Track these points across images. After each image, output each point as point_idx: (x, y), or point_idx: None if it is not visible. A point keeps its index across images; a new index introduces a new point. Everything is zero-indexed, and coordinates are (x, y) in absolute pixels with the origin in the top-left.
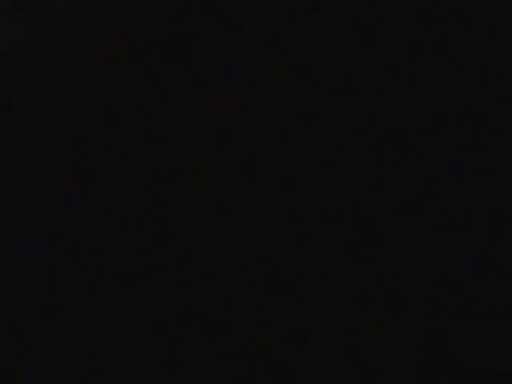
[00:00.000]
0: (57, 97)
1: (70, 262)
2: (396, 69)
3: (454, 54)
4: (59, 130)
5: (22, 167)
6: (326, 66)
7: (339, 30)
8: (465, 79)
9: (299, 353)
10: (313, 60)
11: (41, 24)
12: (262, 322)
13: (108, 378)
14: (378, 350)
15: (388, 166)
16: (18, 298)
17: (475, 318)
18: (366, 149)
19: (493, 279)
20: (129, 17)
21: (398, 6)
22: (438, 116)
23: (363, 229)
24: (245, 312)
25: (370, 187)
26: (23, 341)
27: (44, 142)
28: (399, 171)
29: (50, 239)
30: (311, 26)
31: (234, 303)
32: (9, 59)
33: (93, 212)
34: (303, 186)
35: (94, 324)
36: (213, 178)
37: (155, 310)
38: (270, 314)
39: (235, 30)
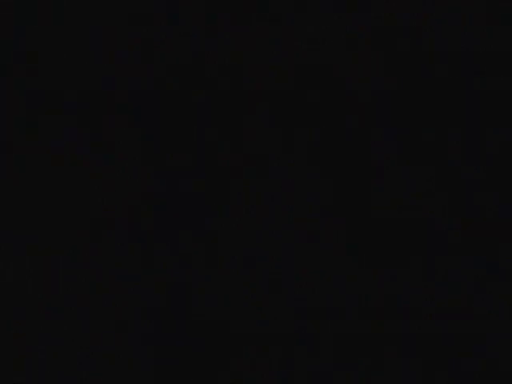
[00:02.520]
0: None
1: (70, 261)
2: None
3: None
4: None
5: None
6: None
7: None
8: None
9: (299, 353)
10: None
11: None
12: (261, 322)
13: (108, 378)
14: (378, 350)
15: (388, 166)
16: (18, 298)
17: (476, 318)
18: (366, 149)
19: (493, 279)
20: None
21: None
22: (438, 116)
23: (363, 228)
24: (245, 312)
25: (370, 187)
26: (23, 341)
27: None
28: (399, 171)
29: (50, 239)
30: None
31: (233, 303)
32: None
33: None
34: (303, 186)
35: (93, 324)
36: (212, 178)
37: (155, 310)
38: (270, 314)
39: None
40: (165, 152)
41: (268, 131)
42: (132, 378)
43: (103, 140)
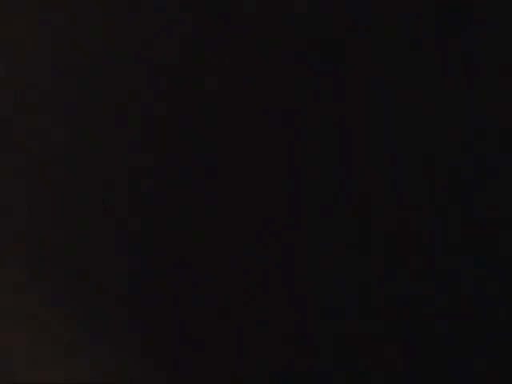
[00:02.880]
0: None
1: (70, 261)
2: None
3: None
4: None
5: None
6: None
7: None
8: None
9: (299, 353)
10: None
11: None
12: (261, 322)
13: (108, 378)
14: (378, 350)
15: (388, 166)
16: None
17: (476, 318)
18: (366, 149)
19: (493, 279)
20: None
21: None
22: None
23: (363, 228)
24: (245, 312)
25: (371, 187)
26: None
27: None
28: (400, 170)
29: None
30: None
31: (233, 303)
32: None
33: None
34: (302, 186)
35: (93, 324)
36: (213, 178)
37: (155, 310)
38: (270, 314)
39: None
40: (165, 151)
41: (268, 131)
42: (132, 378)
43: (103, 139)
